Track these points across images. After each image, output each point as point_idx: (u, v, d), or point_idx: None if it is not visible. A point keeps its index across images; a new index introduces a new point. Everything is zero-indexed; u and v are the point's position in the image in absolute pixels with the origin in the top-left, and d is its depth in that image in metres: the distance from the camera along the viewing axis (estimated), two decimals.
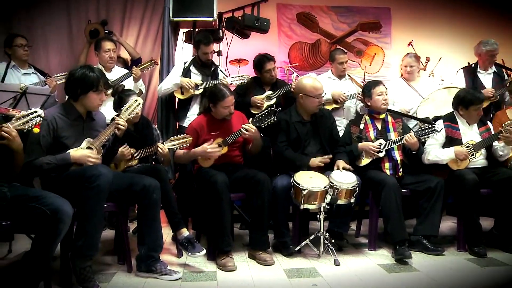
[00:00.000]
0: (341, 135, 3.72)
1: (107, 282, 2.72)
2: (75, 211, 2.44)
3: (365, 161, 3.51)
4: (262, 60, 4.13)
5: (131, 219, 3.84)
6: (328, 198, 3.06)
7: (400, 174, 3.46)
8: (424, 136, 3.39)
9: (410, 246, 3.27)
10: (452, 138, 3.53)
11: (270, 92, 4.11)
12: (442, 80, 5.10)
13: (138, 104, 2.87)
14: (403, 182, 3.45)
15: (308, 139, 3.51)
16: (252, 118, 3.27)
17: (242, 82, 4.00)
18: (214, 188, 3.04)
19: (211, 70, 4.12)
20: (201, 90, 3.94)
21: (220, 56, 4.81)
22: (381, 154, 3.45)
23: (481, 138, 3.51)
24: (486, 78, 4.42)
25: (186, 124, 3.93)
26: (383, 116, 3.63)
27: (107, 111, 3.46)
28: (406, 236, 3.22)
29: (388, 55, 6.13)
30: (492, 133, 3.53)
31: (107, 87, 3.61)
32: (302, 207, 3.09)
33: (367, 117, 3.65)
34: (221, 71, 4.23)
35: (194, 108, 4.05)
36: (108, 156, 2.88)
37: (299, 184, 3.08)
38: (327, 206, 3.11)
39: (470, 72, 4.46)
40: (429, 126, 3.40)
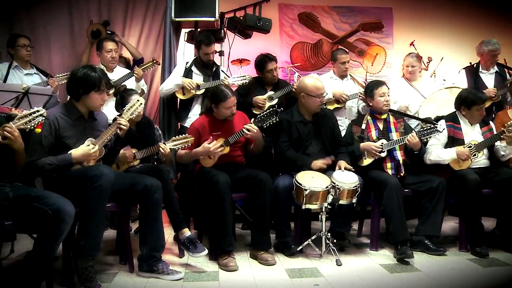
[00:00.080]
0: (343, 135, 3.72)
1: (109, 282, 2.73)
2: (77, 211, 2.45)
3: (367, 161, 3.50)
4: (264, 60, 4.13)
5: (133, 219, 3.84)
6: (330, 198, 3.07)
7: (402, 174, 3.46)
8: (426, 136, 3.38)
9: (412, 246, 3.26)
10: (454, 138, 3.52)
11: (272, 92, 4.11)
12: (444, 80, 5.08)
13: (140, 104, 2.87)
14: (405, 182, 3.44)
15: (309, 139, 3.51)
16: (254, 118, 3.27)
17: (243, 82, 4.00)
18: (216, 188, 3.04)
19: (212, 70, 4.12)
20: (202, 91, 3.94)
21: (222, 56, 4.81)
22: (383, 154, 3.44)
23: (483, 138, 3.50)
24: (488, 78, 4.40)
25: (187, 124, 3.93)
26: (385, 116, 3.62)
27: (109, 111, 3.47)
28: (408, 236, 3.22)
29: (390, 55, 6.12)
30: (495, 133, 3.53)
31: (109, 87, 3.62)
32: (304, 207, 3.10)
33: (369, 117, 3.64)
34: (222, 71, 4.22)
35: (196, 109, 4.04)
36: (110, 156, 2.89)
37: (301, 184, 3.08)
38: (329, 206, 3.11)
39: (472, 72, 4.44)
40: (431, 126, 3.39)
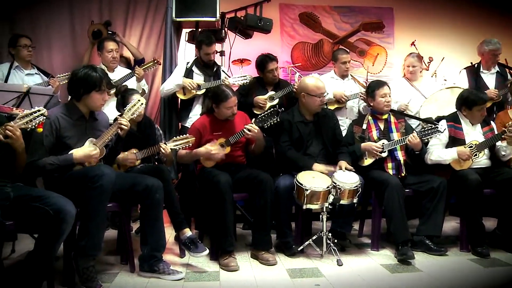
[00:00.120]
0: (344, 135, 3.72)
1: (110, 282, 2.73)
2: (78, 211, 2.44)
3: (368, 161, 3.50)
4: (265, 60, 4.13)
5: (134, 219, 3.85)
6: (331, 198, 3.06)
7: (403, 175, 3.46)
8: (427, 137, 3.36)
9: (413, 246, 3.26)
10: (455, 138, 3.52)
11: (272, 92, 4.11)
12: (445, 80, 5.07)
13: (141, 104, 2.86)
14: (406, 182, 3.44)
15: (310, 139, 3.50)
16: (255, 119, 3.27)
17: (244, 82, 4.00)
18: (217, 188, 3.04)
19: (213, 70, 4.12)
20: (203, 91, 3.94)
21: (223, 56, 4.81)
22: (384, 154, 3.44)
23: (484, 138, 3.49)
24: (489, 78, 4.40)
25: (188, 125, 3.94)
26: (386, 116, 3.62)
27: (110, 111, 3.47)
28: (409, 236, 3.21)
29: (390, 55, 6.11)
30: (496, 133, 3.52)
31: (110, 87, 3.63)
32: (304, 207, 3.09)
33: (370, 117, 3.64)
34: (223, 71, 4.22)
35: (196, 109, 4.04)
36: (111, 156, 2.89)
37: (301, 184, 3.08)
38: (329, 206, 3.11)
39: (473, 72, 4.44)
40: (432, 126, 3.38)
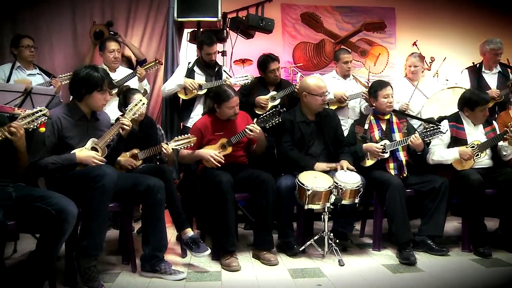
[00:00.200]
0: (345, 135, 3.72)
1: (111, 282, 2.73)
2: (80, 211, 2.45)
3: (369, 161, 3.50)
4: (266, 60, 4.13)
5: (136, 219, 3.85)
6: (333, 198, 3.06)
7: (405, 175, 3.45)
8: (430, 137, 3.35)
9: (414, 246, 3.26)
10: (457, 139, 3.52)
11: (274, 92, 4.11)
12: (447, 80, 5.07)
13: (143, 103, 2.87)
14: (407, 182, 3.44)
15: (312, 139, 3.50)
16: (256, 119, 3.26)
17: (246, 82, 3.99)
18: (219, 188, 3.04)
19: (214, 70, 4.12)
20: (204, 91, 3.94)
21: (225, 56, 4.81)
22: (385, 155, 3.43)
23: (486, 138, 3.49)
24: (491, 78, 4.40)
25: (189, 125, 3.94)
26: (388, 116, 3.62)
27: (112, 111, 3.48)
28: (410, 236, 3.21)
29: (392, 55, 6.10)
30: (498, 133, 3.52)
31: (112, 87, 3.63)
32: (306, 207, 3.09)
33: (372, 117, 3.64)
34: (224, 71, 4.22)
35: (198, 109, 4.04)
36: (112, 156, 2.89)
37: (303, 184, 3.08)
38: (331, 206, 3.10)
39: (475, 72, 4.44)
40: (434, 126, 3.37)
